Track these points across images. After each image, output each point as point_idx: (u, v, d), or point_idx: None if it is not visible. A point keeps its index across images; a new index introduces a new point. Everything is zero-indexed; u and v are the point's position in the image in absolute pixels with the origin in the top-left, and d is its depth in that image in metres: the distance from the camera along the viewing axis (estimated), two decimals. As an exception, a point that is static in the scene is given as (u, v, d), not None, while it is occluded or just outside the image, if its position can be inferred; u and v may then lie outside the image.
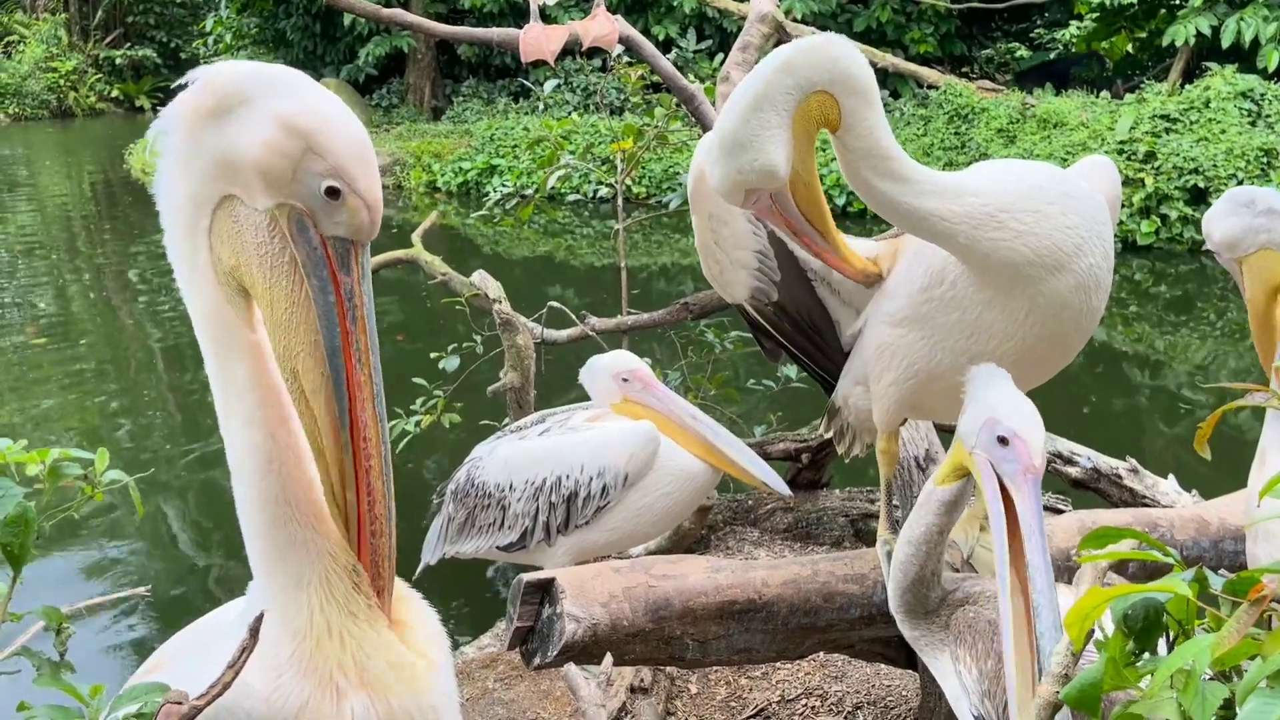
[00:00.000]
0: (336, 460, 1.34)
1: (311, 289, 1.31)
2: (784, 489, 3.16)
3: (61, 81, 27.57)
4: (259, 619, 1.23)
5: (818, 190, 2.09)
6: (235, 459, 1.35)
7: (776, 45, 4.91)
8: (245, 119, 1.26)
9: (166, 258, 1.35)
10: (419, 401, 4.49)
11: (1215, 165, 10.95)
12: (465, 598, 4.73)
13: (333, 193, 1.28)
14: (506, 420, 4.12)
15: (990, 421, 1.79)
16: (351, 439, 1.33)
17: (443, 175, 15.58)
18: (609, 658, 2.17)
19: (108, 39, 28.59)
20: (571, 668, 2.10)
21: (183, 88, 1.30)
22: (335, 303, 1.31)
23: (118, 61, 28.39)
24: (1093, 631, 1.17)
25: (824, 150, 2.52)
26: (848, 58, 1.96)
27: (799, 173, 2.03)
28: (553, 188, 5.29)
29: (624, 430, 3.09)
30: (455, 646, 3.99)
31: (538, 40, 4.09)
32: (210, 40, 21.00)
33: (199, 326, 1.34)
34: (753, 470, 3.10)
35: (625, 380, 3.14)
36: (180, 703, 1.18)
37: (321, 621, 1.35)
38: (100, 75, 28.36)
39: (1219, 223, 2.40)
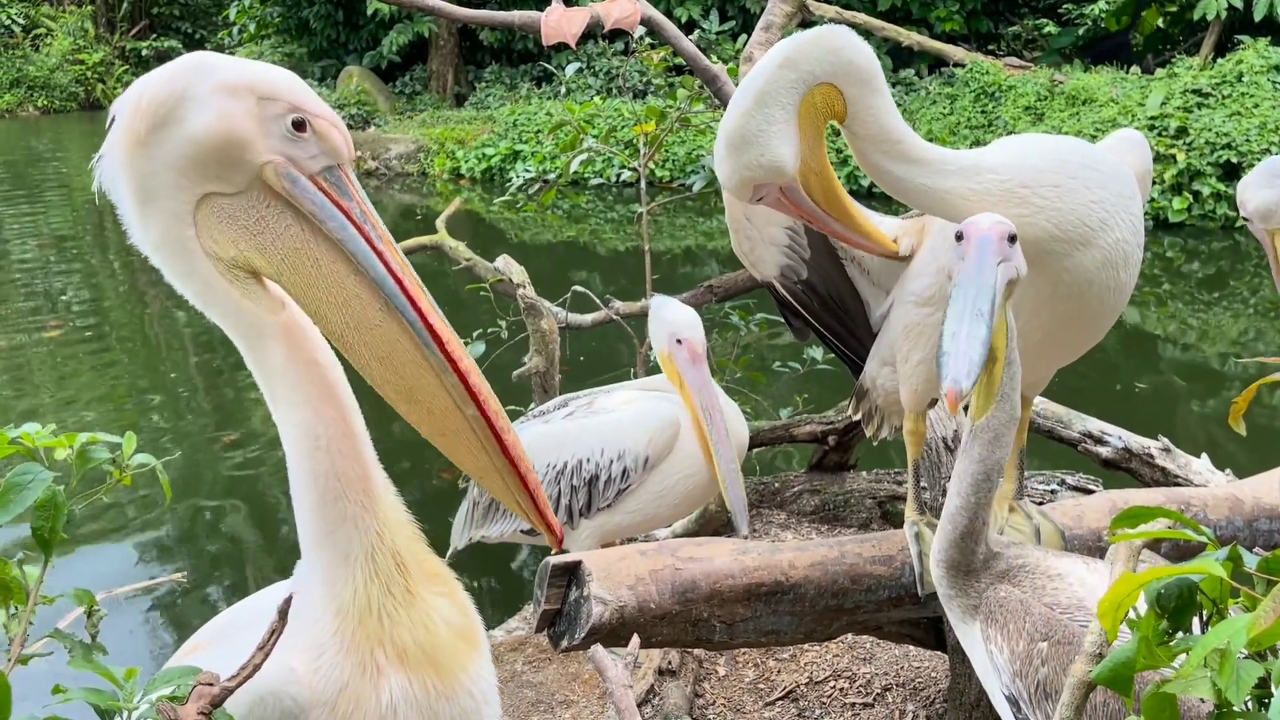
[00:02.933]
0: (439, 379, 1.32)
1: (331, 231, 1.30)
2: (743, 528, 3.01)
3: (89, 74, 27.81)
4: (287, 601, 1.24)
5: (831, 179, 2.08)
6: (287, 439, 1.36)
7: (800, 25, 4.87)
8: (189, 111, 1.26)
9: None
10: (445, 387, 4.49)
11: (1249, 140, 10.77)
12: (493, 581, 4.76)
13: (299, 125, 1.29)
14: (532, 405, 4.13)
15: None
16: (441, 352, 1.31)
17: (466, 161, 15.60)
18: (636, 640, 2.17)
19: (134, 31, 28.80)
20: (599, 649, 2.10)
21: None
22: (357, 232, 1.31)
23: (144, 53, 28.59)
24: (1126, 615, 1.15)
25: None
26: (850, 48, 1.94)
27: (809, 164, 2.01)
28: (575, 172, 5.28)
29: (644, 413, 3.08)
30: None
31: (558, 23, 4.07)
32: (235, 30, 21.11)
33: (228, 329, 1.35)
34: (729, 494, 3.02)
35: (678, 341, 3.07)
36: (212, 684, 1.19)
37: (364, 598, 1.36)
38: (127, 67, 28.57)
39: (1255, 192, 2.36)
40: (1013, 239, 1.76)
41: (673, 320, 3.07)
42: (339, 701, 1.35)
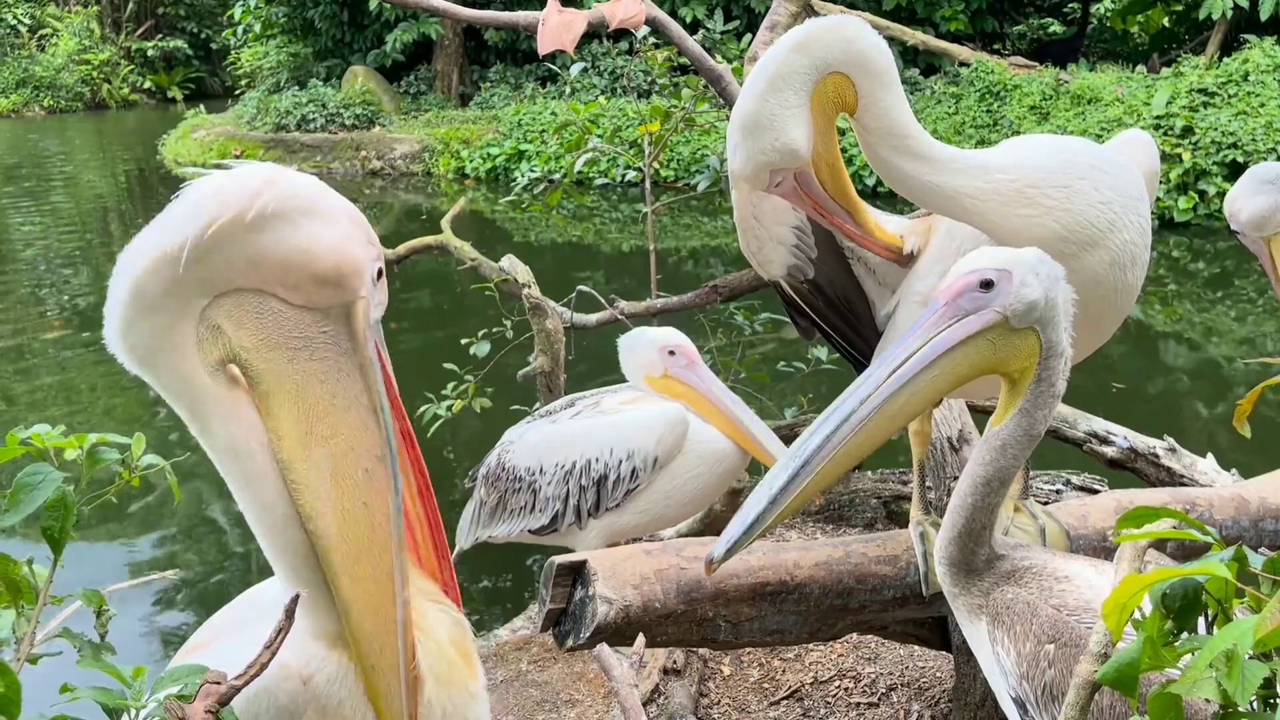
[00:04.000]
0: (392, 556, 1.33)
1: (368, 382, 1.30)
2: None
3: (95, 73, 27.89)
4: (295, 600, 1.25)
5: (842, 171, 2.08)
6: (247, 512, 1.32)
7: (805, 24, 4.86)
8: (309, 222, 1.24)
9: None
10: (450, 386, 4.51)
11: (1255, 139, 10.75)
12: (498, 581, 4.76)
13: (379, 274, 1.32)
14: (537, 404, 4.14)
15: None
16: (424, 501, 1.40)
17: (471, 161, 15.62)
18: (641, 639, 2.17)
19: (139, 31, 28.88)
20: (604, 648, 2.10)
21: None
22: (384, 383, 1.33)
23: (149, 53, 28.68)
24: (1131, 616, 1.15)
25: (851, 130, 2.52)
26: (862, 39, 1.94)
27: (821, 154, 2.02)
28: (580, 172, 5.28)
29: (652, 413, 3.09)
30: (489, 629, 4.02)
31: (556, 31, 4.05)
32: (240, 30, 21.14)
33: (190, 410, 1.29)
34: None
35: (671, 354, 3.12)
36: (219, 683, 1.20)
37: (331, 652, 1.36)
38: (132, 67, 28.67)
39: (1246, 201, 2.37)
40: (987, 285, 1.73)
41: (657, 337, 3.16)
42: (333, 704, 1.36)
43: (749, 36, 5.25)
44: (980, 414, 3.20)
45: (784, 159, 1.96)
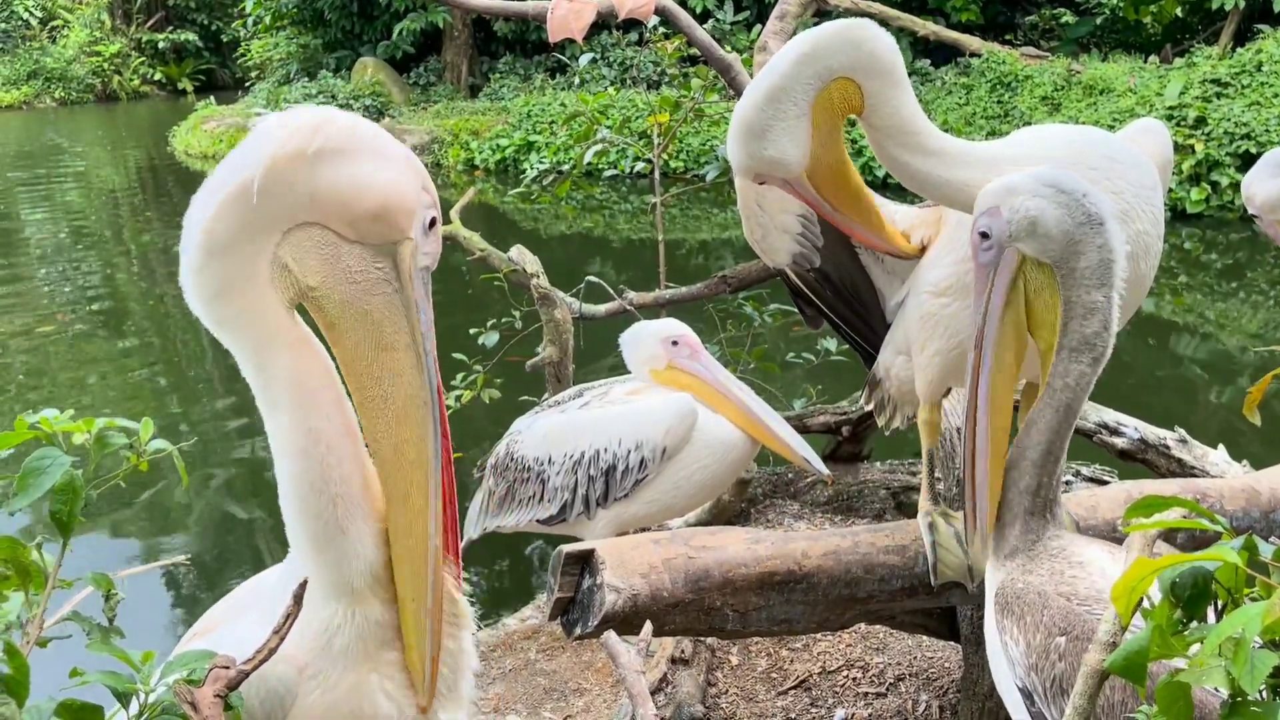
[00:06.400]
0: (425, 481, 1.39)
1: (414, 323, 1.36)
2: (822, 468, 3.11)
3: (105, 65, 27.94)
4: (303, 585, 1.26)
5: (847, 171, 2.07)
6: (285, 443, 1.35)
7: (815, 15, 4.84)
8: (367, 160, 1.30)
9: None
10: (459, 377, 4.52)
11: (1268, 130, 10.67)
12: (507, 570, 4.77)
13: (432, 223, 1.37)
14: (545, 395, 4.14)
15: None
16: (443, 458, 1.40)
17: (480, 153, 15.61)
18: (648, 627, 2.17)
19: (150, 22, 28.90)
20: (612, 635, 2.10)
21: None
22: (426, 329, 1.38)
23: (160, 45, 28.70)
24: (1140, 599, 1.15)
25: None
26: (871, 40, 1.93)
27: (824, 158, 2.01)
28: (589, 163, 5.28)
29: (661, 403, 3.09)
30: (497, 619, 4.04)
31: (565, 19, 4.05)
32: (250, 22, 21.15)
33: (237, 330, 1.32)
34: (793, 446, 3.08)
35: (674, 344, 3.12)
36: (227, 667, 1.21)
37: (361, 597, 1.38)
38: (143, 59, 28.70)
39: (1261, 185, 2.37)
40: (984, 235, 1.77)
41: (660, 328, 3.17)
42: (326, 689, 1.37)
43: (759, 27, 5.24)
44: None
45: (771, 168, 1.97)
